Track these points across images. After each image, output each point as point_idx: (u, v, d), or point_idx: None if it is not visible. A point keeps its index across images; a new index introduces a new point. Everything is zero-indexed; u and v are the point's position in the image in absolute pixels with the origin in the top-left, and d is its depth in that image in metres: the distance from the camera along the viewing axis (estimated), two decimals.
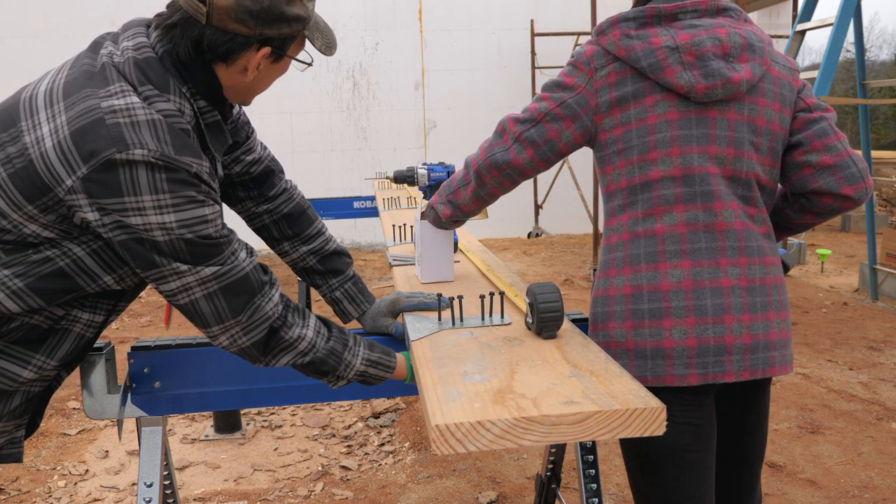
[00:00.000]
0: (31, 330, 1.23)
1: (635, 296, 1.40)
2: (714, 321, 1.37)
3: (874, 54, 26.90)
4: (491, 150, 1.52)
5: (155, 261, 1.15)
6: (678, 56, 1.36)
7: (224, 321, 1.24)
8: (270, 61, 1.26)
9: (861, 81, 5.73)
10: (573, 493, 2.81)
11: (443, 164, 2.06)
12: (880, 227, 7.73)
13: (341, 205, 4.80)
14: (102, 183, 1.08)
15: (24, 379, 1.25)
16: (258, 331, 1.27)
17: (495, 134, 1.54)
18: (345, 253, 1.69)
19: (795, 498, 2.81)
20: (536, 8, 9.16)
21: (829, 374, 4.19)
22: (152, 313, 5.89)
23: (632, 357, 1.41)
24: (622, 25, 1.42)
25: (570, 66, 1.47)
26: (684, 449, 1.41)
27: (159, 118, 1.13)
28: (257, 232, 1.66)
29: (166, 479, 1.93)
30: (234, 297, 1.23)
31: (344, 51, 8.93)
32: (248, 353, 1.30)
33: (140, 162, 1.08)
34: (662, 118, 1.38)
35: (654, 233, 1.40)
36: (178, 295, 1.20)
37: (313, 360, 1.34)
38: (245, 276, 1.24)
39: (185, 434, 3.51)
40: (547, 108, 1.46)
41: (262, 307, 1.27)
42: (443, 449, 0.99)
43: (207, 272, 1.18)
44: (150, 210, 1.10)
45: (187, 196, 1.13)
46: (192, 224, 1.15)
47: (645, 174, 1.41)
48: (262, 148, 1.61)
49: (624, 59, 1.39)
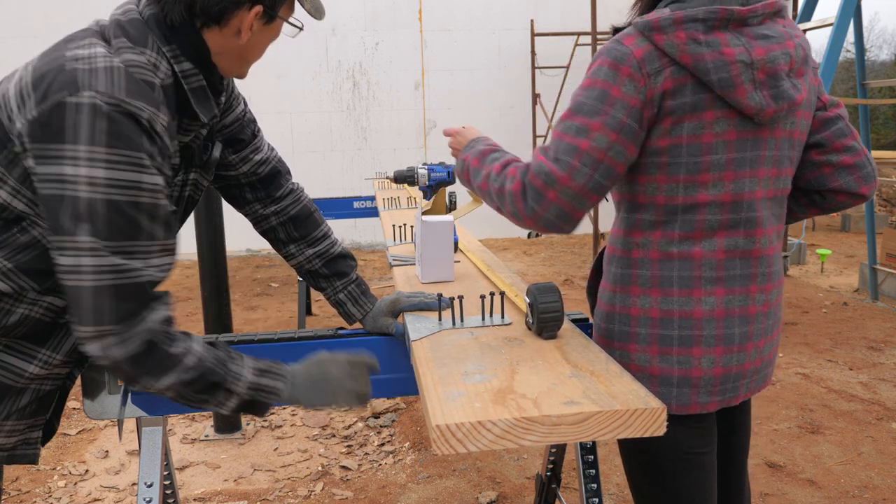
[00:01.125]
0: (35, 324, 1.22)
1: (664, 321, 1.33)
2: (738, 349, 1.34)
3: (874, 54, 26.90)
4: (547, 211, 1.24)
5: (64, 226, 1.08)
6: (751, 73, 1.22)
7: (102, 324, 1.12)
8: (262, 22, 1.25)
9: (861, 81, 5.73)
10: (573, 493, 2.81)
11: (443, 163, 2.06)
12: (880, 227, 7.73)
13: (341, 205, 4.80)
14: (48, 127, 1.06)
15: (31, 374, 1.25)
16: (135, 343, 1.15)
17: (533, 190, 1.24)
18: (349, 256, 1.69)
19: (795, 498, 2.81)
20: (536, 8, 9.16)
21: (829, 374, 4.19)
22: None
23: (655, 384, 1.35)
24: (689, 27, 1.21)
25: (611, 71, 1.23)
26: (694, 452, 1.40)
27: (119, 65, 1.12)
28: (264, 234, 1.66)
29: (166, 479, 1.93)
30: (122, 302, 1.12)
31: (344, 51, 8.93)
32: (122, 370, 1.17)
33: (86, 104, 1.06)
34: (720, 138, 1.25)
35: (690, 256, 1.31)
36: (68, 275, 1.10)
37: (202, 374, 1.22)
38: (143, 284, 1.15)
39: (185, 434, 3.51)
40: (607, 141, 1.21)
41: (147, 319, 1.16)
42: (443, 449, 0.99)
43: (109, 262, 1.10)
44: (83, 161, 1.06)
45: (124, 155, 1.09)
46: (122, 186, 1.09)
47: (691, 196, 1.29)
48: (269, 148, 1.61)
49: (688, 66, 1.21)
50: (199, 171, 1.40)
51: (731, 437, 1.55)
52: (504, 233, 9.35)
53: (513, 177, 1.28)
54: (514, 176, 1.28)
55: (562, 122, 1.26)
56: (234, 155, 1.53)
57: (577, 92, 1.28)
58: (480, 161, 1.41)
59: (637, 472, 1.47)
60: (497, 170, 1.34)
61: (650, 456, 1.42)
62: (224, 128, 1.50)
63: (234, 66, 1.31)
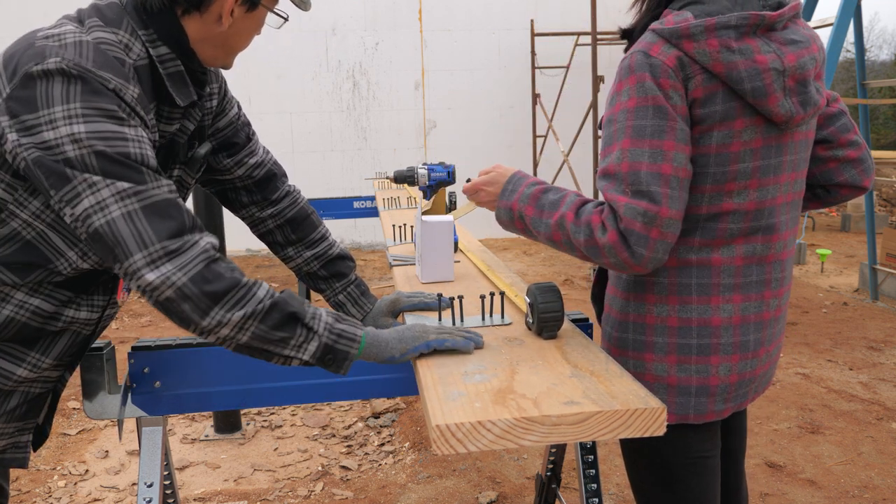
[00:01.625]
0: (22, 328, 1.21)
1: (683, 329, 1.30)
2: (753, 356, 1.34)
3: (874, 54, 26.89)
4: (654, 251, 1.18)
5: (65, 173, 1.05)
6: (782, 81, 1.19)
7: (147, 246, 1.06)
8: (245, 9, 1.24)
9: (861, 81, 5.73)
10: (573, 493, 2.81)
11: (443, 163, 2.06)
12: (880, 227, 7.73)
13: (341, 205, 4.80)
14: (21, 99, 1.06)
15: (19, 377, 1.24)
16: (195, 264, 1.08)
17: (634, 236, 1.16)
18: (348, 256, 1.68)
19: (795, 498, 2.81)
20: (536, 8, 9.15)
21: (829, 374, 4.19)
22: (152, 313, 5.89)
23: (673, 393, 1.32)
24: (722, 34, 1.17)
25: (654, 85, 1.18)
26: (703, 456, 1.39)
27: (88, 40, 1.12)
28: (261, 238, 1.65)
29: (166, 479, 1.93)
30: (159, 220, 1.07)
31: (344, 51, 8.93)
32: (190, 300, 1.07)
33: (54, 71, 1.06)
34: (747, 146, 1.23)
35: (709, 263, 1.28)
36: (93, 217, 1.06)
37: (276, 302, 1.14)
38: (174, 201, 1.10)
39: (185, 434, 3.51)
40: (683, 157, 1.18)
41: (197, 243, 1.10)
42: (443, 449, 0.99)
43: (124, 185, 1.07)
44: (61, 121, 1.05)
45: (101, 108, 1.08)
46: (106, 137, 1.07)
47: (716, 205, 1.25)
48: (264, 151, 1.60)
49: (720, 75, 1.18)
50: (182, 167, 1.39)
51: (729, 438, 1.55)
52: (504, 233, 9.35)
53: (601, 227, 1.20)
54: (601, 225, 1.20)
55: (626, 151, 1.19)
56: (228, 159, 1.53)
57: (619, 116, 1.21)
58: (537, 207, 1.30)
59: (644, 477, 1.45)
60: (571, 219, 1.24)
61: (660, 460, 1.40)
62: (218, 131, 1.50)
63: (217, 54, 1.30)
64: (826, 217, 11.61)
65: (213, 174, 1.55)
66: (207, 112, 1.43)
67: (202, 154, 1.41)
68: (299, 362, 1.19)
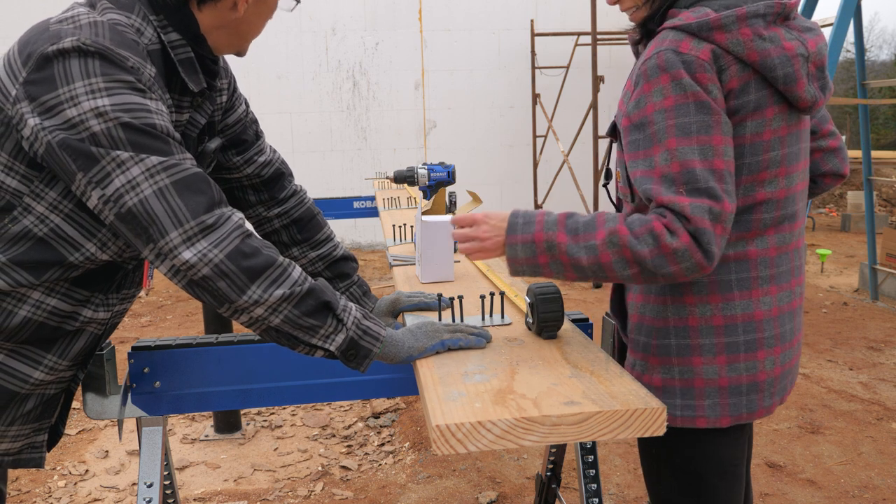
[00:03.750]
0: (39, 329, 1.20)
1: (729, 327, 1.26)
2: (790, 346, 1.32)
3: (874, 54, 26.92)
4: (720, 247, 1.15)
5: (93, 153, 1.04)
6: (807, 66, 1.21)
7: (181, 224, 1.05)
8: None
9: (861, 81, 5.73)
10: (573, 493, 2.81)
11: (443, 163, 2.06)
12: (880, 227, 7.73)
13: (341, 205, 4.80)
14: (39, 82, 1.05)
15: (36, 380, 1.23)
16: (231, 239, 1.07)
17: (706, 234, 1.12)
18: (351, 257, 1.68)
19: (795, 498, 2.81)
20: (536, 8, 9.15)
21: (829, 374, 4.19)
22: (152, 313, 5.89)
23: (725, 395, 1.27)
24: (753, 22, 1.17)
25: (692, 81, 1.15)
26: (735, 463, 1.37)
27: (103, 21, 1.11)
28: (266, 237, 1.65)
29: (166, 479, 1.93)
30: (191, 196, 1.06)
31: (344, 51, 8.93)
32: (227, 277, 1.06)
33: (70, 49, 1.05)
34: (776, 133, 1.22)
35: (746, 256, 1.26)
36: (126, 196, 1.05)
37: (313, 288, 1.13)
38: (202, 175, 1.09)
39: (185, 434, 3.51)
40: (730, 149, 1.17)
41: (230, 217, 1.09)
42: (443, 449, 0.99)
43: (154, 160, 1.05)
44: (83, 97, 1.04)
45: (123, 80, 1.06)
46: (130, 109, 1.06)
47: (751, 196, 1.24)
48: (271, 150, 1.60)
49: (754, 63, 1.17)
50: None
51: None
52: None
53: (667, 232, 1.13)
54: (666, 231, 1.14)
55: (674, 151, 1.15)
56: (238, 157, 1.52)
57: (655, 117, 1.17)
58: (569, 232, 1.21)
59: (670, 486, 1.40)
60: (625, 232, 1.16)
61: (690, 469, 1.36)
62: (227, 128, 1.49)
63: (231, 41, 1.29)
64: (826, 217, 11.61)
65: (220, 172, 1.54)
66: (217, 107, 1.43)
67: (212, 149, 1.40)
68: (324, 353, 1.17)
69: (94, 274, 1.24)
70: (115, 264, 1.26)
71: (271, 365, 1.56)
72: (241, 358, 1.54)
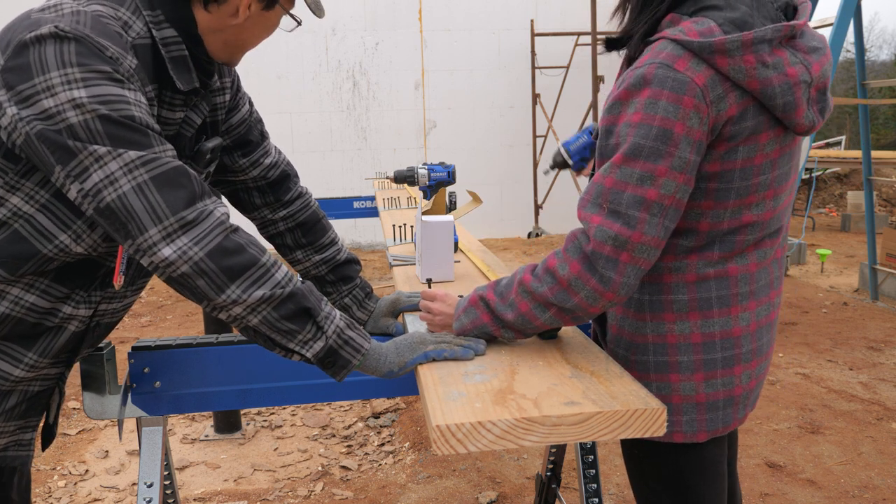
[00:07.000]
0: (18, 325, 1.19)
1: (707, 344, 1.25)
2: (766, 357, 1.33)
3: (874, 54, 26.92)
4: (624, 275, 1.13)
5: (70, 147, 1.02)
6: (808, 91, 1.16)
7: (161, 220, 1.03)
8: (261, 6, 1.23)
9: (861, 81, 5.73)
10: (573, 493, 2.81)
11: (443, 163, 2.06)
12: (880, 227, 7.73)
13: (341, 205, 4.80)
14: (16, 69, 1.03)
15: (17, 377, 1.23)
16: (212, 237, 1.05)
17: (603, 259, 1.12)
18: (354, 260, 1.68)
19: (795, 498, 2.81)
20: (536, 8, 9.16)
21: (829, 374, 4.19)
22: (152, 313, 5.89)
23: (703, 411, 1.27)
24: (758, 49, 1.11)
25: (671, 105, 1.10)
26: (718, 462, 1.37)
27: (86, 10, 1.10)
28: (270, 240, 1.64)
29: (166, 479, 1.93)
30: (171, 191, 1.04)
31: (344, 51, 8.93)
32: (206, 276, 1.05)
33: (47, 35, 1.03)
34: (768, 157, 1.18)
35: (726, 274, 1.24)
36: (104, 192, 1.03)
37: (294, 292, 1.11)
38: (181, 168, 1.06)
39: (185, 434, 3.51)
40: (675, 185, 1.12)
41: (212, 212, 1.07)
42: (443, 449, 0.99)
43: (132, 155, 1.03)
44: (59, 87, 1.01)
45: (100, 71, 1.03)
46: (108, 101, 1.03)
47: (737, 219, 1.21)
48: (276, 151, 1.59)
49: (754, 91, 1.12)
50: (188, 161, 1.35)
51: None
52: (504, 233, 9.35)
53: (562, 261, 1.16)
54: (563, 260, 1.16)
55: (616, 168, 1.13)
56: (243, 159, 1.51)
57: (624, 130, 1.14)
58: (497, 293, 1.26)
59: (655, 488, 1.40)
60: (528, 279, 1.20)
61: (673, 471, 1.36)
62: (231, 128, 1.47)
63: (225, 48, 1.28)
64: (826, 217, 11.61)
65: (226, 174, 1.53)
66: (220, 107, 1.41)
67: (209, 147, 1.38)
68: (300, 358, 1.18)
69: (73, 269, 1.21)
70: (93, 260, 1.23)
71: (271, 365, 1.56)
72: (241, 358, 1.54)
